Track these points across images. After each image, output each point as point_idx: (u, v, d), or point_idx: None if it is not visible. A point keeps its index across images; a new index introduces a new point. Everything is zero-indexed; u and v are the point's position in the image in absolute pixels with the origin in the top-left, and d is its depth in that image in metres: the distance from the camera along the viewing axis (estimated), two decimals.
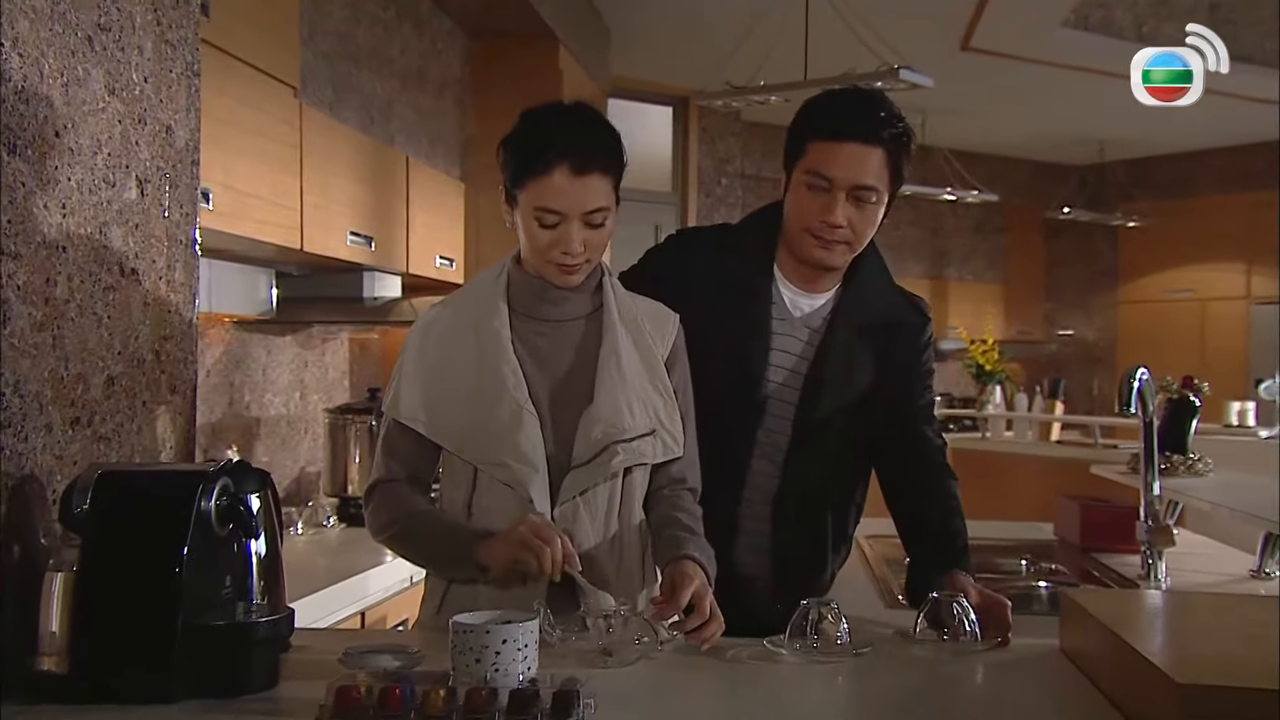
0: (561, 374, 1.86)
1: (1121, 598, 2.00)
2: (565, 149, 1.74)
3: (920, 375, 2.15)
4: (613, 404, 1.82)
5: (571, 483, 1.81)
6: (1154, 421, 2.40)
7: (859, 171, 1.94)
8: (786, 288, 2.07)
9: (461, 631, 1.44)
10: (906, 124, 1.99)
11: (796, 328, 2.06)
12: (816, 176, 1.95)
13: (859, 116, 1.96)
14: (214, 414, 3.36)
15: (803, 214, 1.99)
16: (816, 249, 2.00)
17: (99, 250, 1.68)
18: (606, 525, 1.85)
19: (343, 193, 3.30)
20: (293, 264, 3.56)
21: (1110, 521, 2.71)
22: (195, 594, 1.47)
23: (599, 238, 1.80)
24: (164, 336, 1.87)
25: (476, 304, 1.89)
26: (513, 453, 1.78)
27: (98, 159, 1.68)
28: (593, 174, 1.75)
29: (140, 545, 1.46)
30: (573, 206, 1.75)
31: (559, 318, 1.88)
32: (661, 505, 1.91)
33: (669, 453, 1.89)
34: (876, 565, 2.60)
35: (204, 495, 1.50)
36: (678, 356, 1.94)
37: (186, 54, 1.94)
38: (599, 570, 1.82)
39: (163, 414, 1.87)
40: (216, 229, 2.62)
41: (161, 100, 1.86)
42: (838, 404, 2.04)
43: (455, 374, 1.84)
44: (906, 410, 2.11)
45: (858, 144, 1.93)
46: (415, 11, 4.43)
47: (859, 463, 2.13)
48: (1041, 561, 2.73)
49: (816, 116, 2.01)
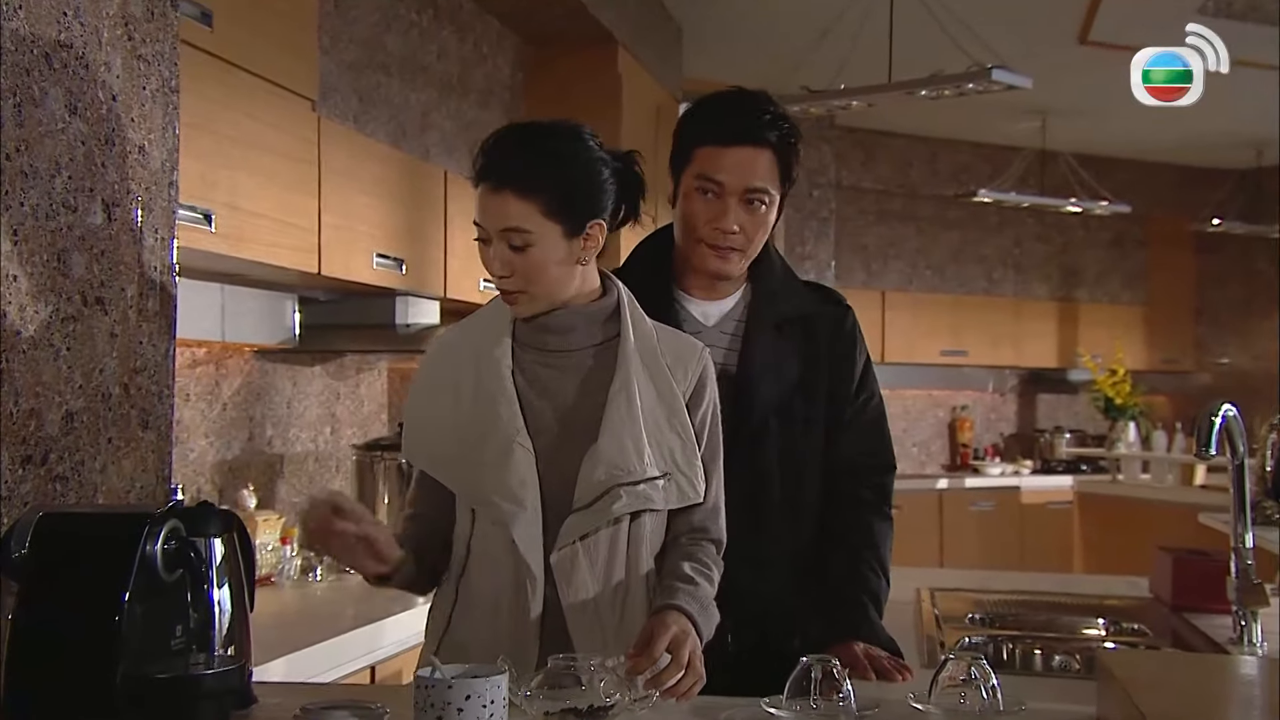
0: (567, 408, 1.90)
1: (1167, 661, 1.96)
2: (486, 166, 1.83)
3: (846, 373, 2.23)
4: (619, 444, 1.85)
5: (570, 527, 1.84)
6: (1245, 464, 2.34)
7: (749, 175, 2.08)
8: (691, 301, 2.21)
9: (423, 686, 1.47)
10: (794, 123, 2.15)
11: (714, 336, 2.18)
12: (706, 181, 2.10)
13: (745, 119, 2.10)
14: (231, 450, 3.46)
15: (695, 222, 2.13)
16: (712, 258, 2.14)
17: (55, 279, 1.76)
18: (608, 574, 1.87)
19: (368, 212, 3.38)
20: (318, 289, 3.66)
21: (1205, 577, 2.63)
22: (140, 644, 1.53)
23: (521, 261, 1.84)
24: (134, 369, 1.96)
25: (481, 330, 1.96)
26: (499, 488, 1.83)
27: (56, 182, 1.76)
28: (506, 191, 1.81)
29: (79, 591, 1.53)
30: (490, 224, 1.83)
31: (565, 347, 1.92)
32: (673, 555, 1.93)
33: (685, 499, 1.91)
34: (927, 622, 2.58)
35: (149, 538, 1.56)
36: (703, 394, 1.97)
37: (163, 69, 2.03)
38: (599, 623, 1.85)
39: (132, 452, 1.95)
40: (220, 253, 2.72)
41: (133, 119, 1.94)
42: (771, 402, 2.15)
43: (452, 404, 1.90)
44: (835, 421, 2.21)
45: (746, 147, 2.08)
46: (456, 14, 4.54)
47: (808, 474, 2.20)
48: (1124, 621, 2.68)
49: (701, 121, 2.15)
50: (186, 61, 2.48)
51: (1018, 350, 9.01)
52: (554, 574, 1.84)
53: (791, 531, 2.18)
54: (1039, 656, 2.44)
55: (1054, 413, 9.57)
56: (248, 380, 3.57)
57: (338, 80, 3.61)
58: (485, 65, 4.75)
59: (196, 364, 3.31)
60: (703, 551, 1.94)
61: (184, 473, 3.23)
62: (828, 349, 2.22)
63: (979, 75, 4.41)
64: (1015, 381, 9.47)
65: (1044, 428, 9.42)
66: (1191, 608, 2.72)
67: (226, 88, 2.72)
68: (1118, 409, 7.60)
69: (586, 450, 1.85)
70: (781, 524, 2.17)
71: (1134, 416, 7.71)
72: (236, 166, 2.76)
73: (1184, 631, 2.57)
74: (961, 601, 2.84)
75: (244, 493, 3.37)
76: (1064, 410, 9.56)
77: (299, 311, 3.71)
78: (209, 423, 3.37)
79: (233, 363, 3.49)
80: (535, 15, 4.80)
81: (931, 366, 8.50)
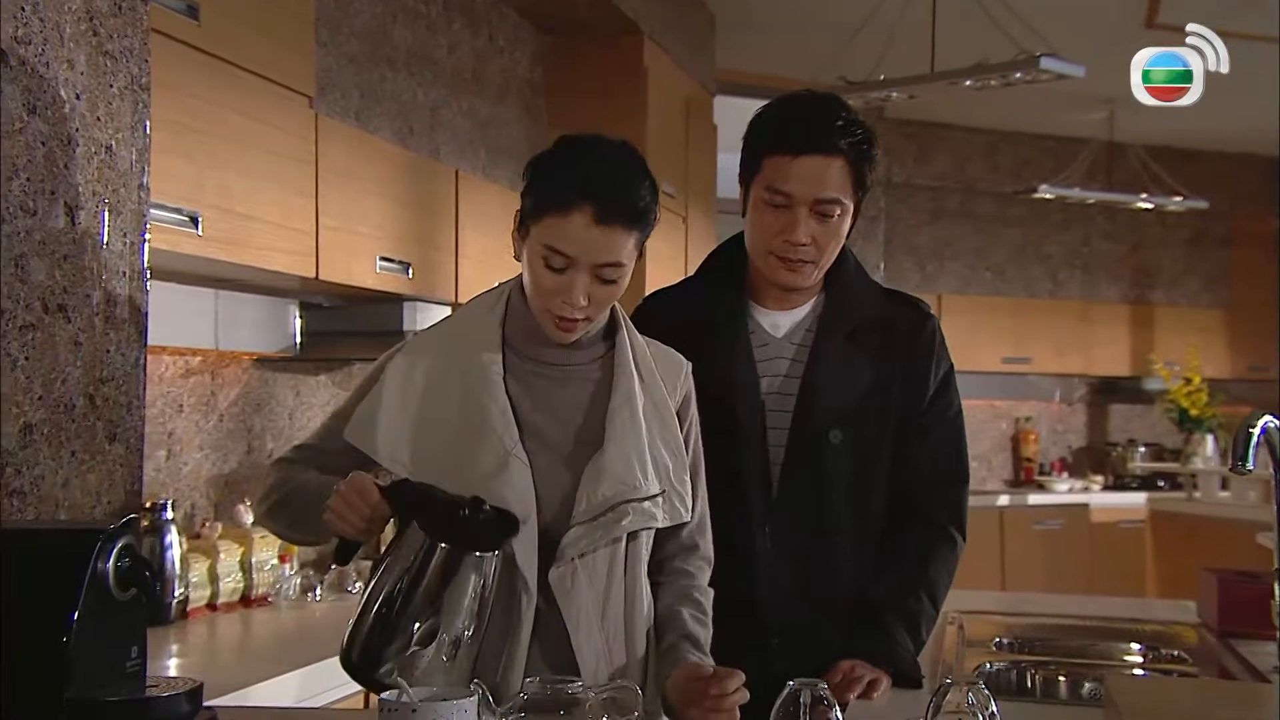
0: (563, 419, 1.93)
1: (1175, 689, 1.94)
2: (591, 192, 1.81)
3: (921, 381, 2.25)
4: (624, 458, 1.89)
5: (571, 542, 1.86)
6: None
7: (819, 185, 2.09)
8: (763, 313, 2.25)
9: (387, 710, 1.50)
10: (867, 129, 2.13)
11: (782, 346, 2.23)
12: (775, 193, 2.11)
13: (814, 126, 2.10)
14: (228, 463, 3.51)
15: (764, 234, 2.15)
16: (782, 271, 2.17)
17: (13, 285, 1.81)
18: (607, 595, 1.91)
19: (371, 214, 3.42)
20: (320, 295, 3.71)
21: (1252, 600, 2.61)
22: (90, 666, 1.56)
23: (604, 293, 1.87)
24: (100, 379, 2.00)
25: (467, 336, 1.96)
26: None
27: (13, 184, 1.81)
28: (616, 226, 1.82)
29: (27, 611, 1.56)
30: (585, 254, 1.82)
31: (564, 361, 1.95)
32: (670, 589, 2.00)
33: (677, 518, 1.96)
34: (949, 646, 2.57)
35: (101, 555, 1.59)
36: (688, 407, 2.03)
37: (132, 66, 2.07)
38: (595, 645, 1.88)
39: (98, 466, 1.99)
40: (209, 257, 2.76)
41: (99, 118, 1.99)
42: (837, 412, 2.18)
43: (438, 408, 1.91)
44: (908, 431, 2.23)
45: (816, 156, 2.08)
46: (468, 6, 4.57)
47: (876, 490, 2.24)
48: (1163, 647, 2.66)
49: (769, 128, 2.16)
50: (172, 58, 2.55)
51: (1086, 357, 8.91)
52: (552, 591, 1.86)
53: (854, 551, 2.23)
54: (1064, 684, 2.43)
55: (1127, 424, 9.46)
56: (246, 390, 3.62)
57: (338, 75, 3.65)
58: (501, 59, 4.79)
59: (190, 373, 3.36)
60: (698, 583, 2.01)
61: (177, 487, 3.29)
62: (903, 356, 2.25)
63: (1026, 64, 4.39)
64: (1084, 391, 9.38)
65: (1116, 441, 9.32)
66: (1238, 633, 2.69)
67: (216, 84, 2.76)
68: (1193, 420, 7.50)
69: (580, 464, 1.88)
70: (843, 543, 2.22)
71: (1212, 429, 7.61)
72: (226, 167, 2.80)
73: (1227, 659, 2.54)
74: (990, 625, 2.84)
75: (240, 508, 3.41)
76: (1138, 422, 9.44)
77: (301, 318, 3.76)
78: (204, 435, 3.42)
79: (230, 372, 3.54)
80: (555, 6, 4.84)
81: (992, 375, 8.43)
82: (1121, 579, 7.88)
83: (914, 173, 8.41)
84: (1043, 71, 4.39)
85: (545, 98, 5.08)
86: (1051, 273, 9.09)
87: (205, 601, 3.15)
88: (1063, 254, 9.11)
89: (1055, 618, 3.00)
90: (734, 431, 2.18)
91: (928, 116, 8.14)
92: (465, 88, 4.51)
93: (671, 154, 5.21)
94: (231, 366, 3.55)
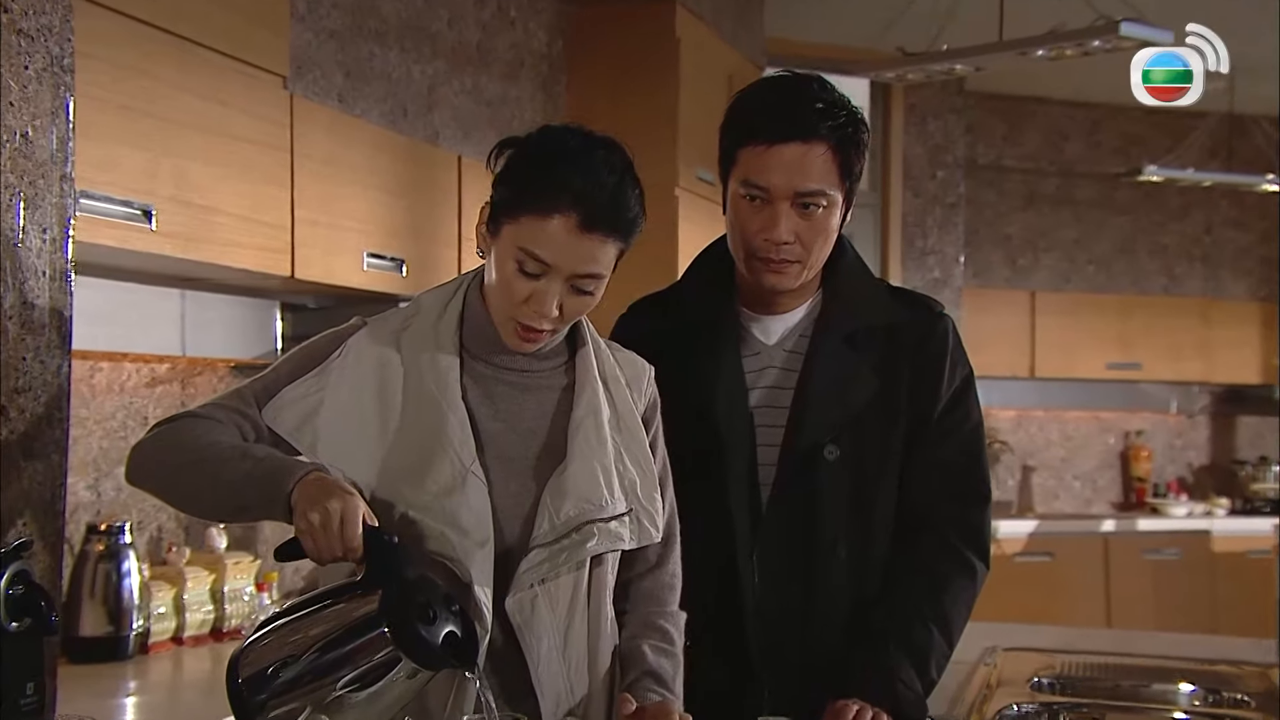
0: (523, 430, 1.97)
1: None
2: (577, 196, 1.83)
3: (932, 389, 2.26)
4: (589, 475, 1.92)
5: (531, 566, 1.89)
6: None
7: (799, 176, 2.10)
8: (753, 319, 2.26)
9: None
10: (853, 112, 2.14)
11: (774, 355, 2.25)
12: (752, 187, 2.13)
13: (791, 111, 2.11)
14: None
15: (744, 233, 2.17)
16: (766, 273, 2.17)
17: None
18: (569, 623, 1.94)
19: (357, 205, 3.46)
20: (305, 295, 3.76)
21: None
22: None
23: (578, 303, 1.90)
24: (15, 389, 2.05)
25: (419, 334, 1.97)
26: (448, 520, 1.87)
27: None
28: (600, 235, 1.85)
29: None
30: (564, 262, 1.85)
31: (524, 367, 1.99)
32: (634, 617, 2.04)
33: (646, 538, 1.99)
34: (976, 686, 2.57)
35: None
36: (653, 415, 2.08)
37: (52, 46, 2.13)
38: (556, 678, 1.92)
39: (12, 484, 2.04)
40: (164, 254, 2.81)
41: (12, 103, 2.05)
42: (832, 426, 2.19)
43: (378, 410, 1.91)
44: (917, 444, 2.24)
45: (794, 143, 2.09)
46: None
47: (879, 513, 2.25)
48: (1225, 690, 2.64)
49: (742, 116, 2.18)
50: (120, 35, 2.61)
51: (1208, 363, 8.77)
52: (510, 619, 1.89)
53: (853, 579, 2.24)
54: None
55: (1257, 440, 9.30)
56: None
57: (317, 52, 3.69)
58: (513, 31, 4.81)
59: (157, 382, 3.43)
60: (662, 614, 2.05)
61: (141, 509, 3.35)
62: (911, 362, 2.26)
63: (1105, 30, 4.35)
64: (1206, 401, 9.23)
65: (1244, 458, 9.17)
66: None
67: (172, 63, 2.80)
68: None
69: (540, 480, 1.92)
70: (840, 570, 2.23)
71: None
72: (185, 155, 2.85)
73: None
74: (1029, 662, 2.84)
75: (213, 531, 3.45)
76: (1270, 437, 9.29)
77: (283, 321, 3.81)
78: None
79: (203, 380, 3.60)
80: None
81: (1096, 383, 8.33)
82: (1247, 616, 7.76)
83: (1003, 152, 8.33)
84: (1124, 38, 4.35)
85: (567, 75, 5.10)
86: (1167, 266, 8.96)
87: (170, 635, 3.21)
88: (1180, 245, 8.98)
89: (1115, 655, 2.99)
90: (719, 450, 2.20)
91: (1018, 89, 8.06)
92: (468, 64, 4.53)
93: (710, 136, 5.17)
94: (205, 374, 3.62)
